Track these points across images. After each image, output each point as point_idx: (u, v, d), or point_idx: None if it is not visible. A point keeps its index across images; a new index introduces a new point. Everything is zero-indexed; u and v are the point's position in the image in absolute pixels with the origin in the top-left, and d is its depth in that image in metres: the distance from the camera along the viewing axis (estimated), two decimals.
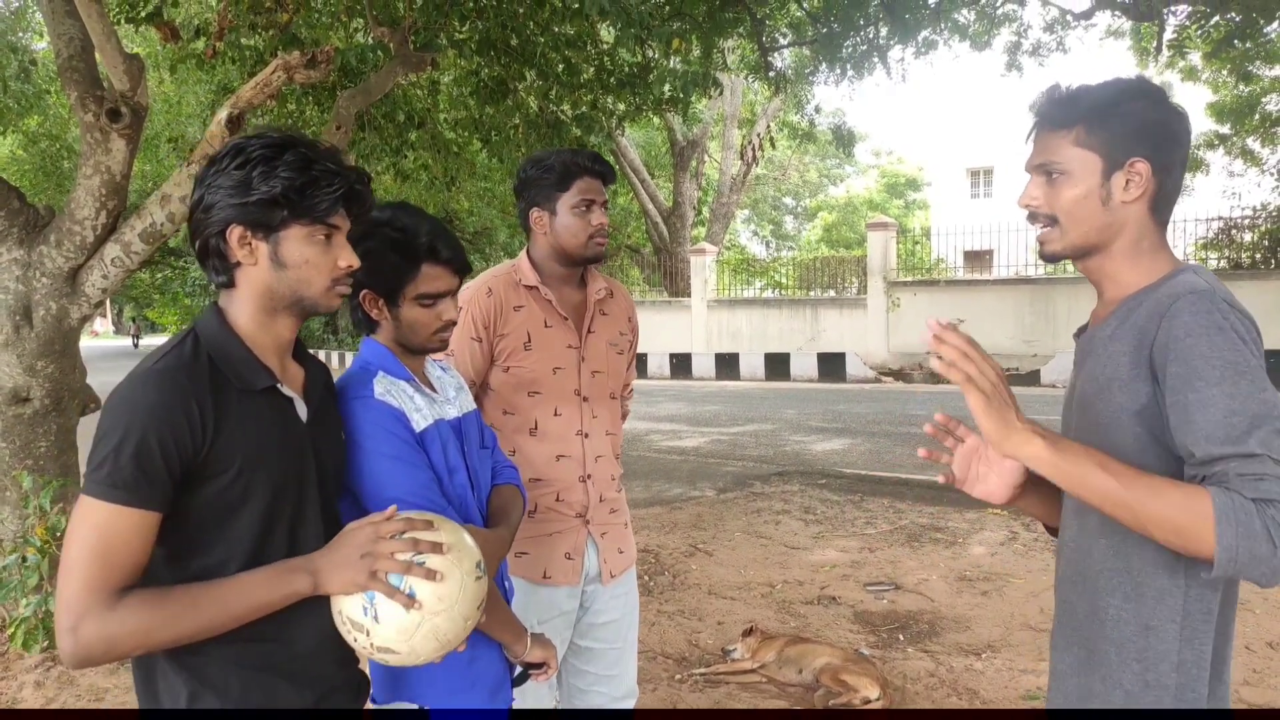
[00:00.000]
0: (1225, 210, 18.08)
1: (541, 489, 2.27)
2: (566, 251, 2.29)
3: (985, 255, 22.14)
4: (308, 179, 1.38)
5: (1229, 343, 1.24)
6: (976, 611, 4.70)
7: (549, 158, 2.27)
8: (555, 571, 2.27)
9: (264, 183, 1.36)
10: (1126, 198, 1.38)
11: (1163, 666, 1.33)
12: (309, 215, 1.39)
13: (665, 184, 27.96)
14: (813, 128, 17.01)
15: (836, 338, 20.37)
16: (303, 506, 1.45)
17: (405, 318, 1.77)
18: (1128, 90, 1.39)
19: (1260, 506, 1.18)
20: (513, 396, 2.27)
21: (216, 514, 1.35)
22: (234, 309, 1.43)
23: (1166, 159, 1.38)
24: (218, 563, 1.36)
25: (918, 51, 11.32)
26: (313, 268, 1.42)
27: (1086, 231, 1.41)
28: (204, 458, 1.31)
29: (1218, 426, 1.22)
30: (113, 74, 4.32)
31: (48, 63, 12.05)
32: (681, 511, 7.22)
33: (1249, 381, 1.23)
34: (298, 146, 1.41)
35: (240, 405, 1.37)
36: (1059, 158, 1.41)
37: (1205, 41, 11.98)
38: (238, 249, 1.39)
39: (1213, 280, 1.33)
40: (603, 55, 7.69)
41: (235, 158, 1.38)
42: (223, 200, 1.37)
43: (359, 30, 7.64)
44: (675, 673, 4.04)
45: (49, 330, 4.40)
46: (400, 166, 8.61)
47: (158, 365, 1.33)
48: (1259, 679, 3.81)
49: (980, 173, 35.66)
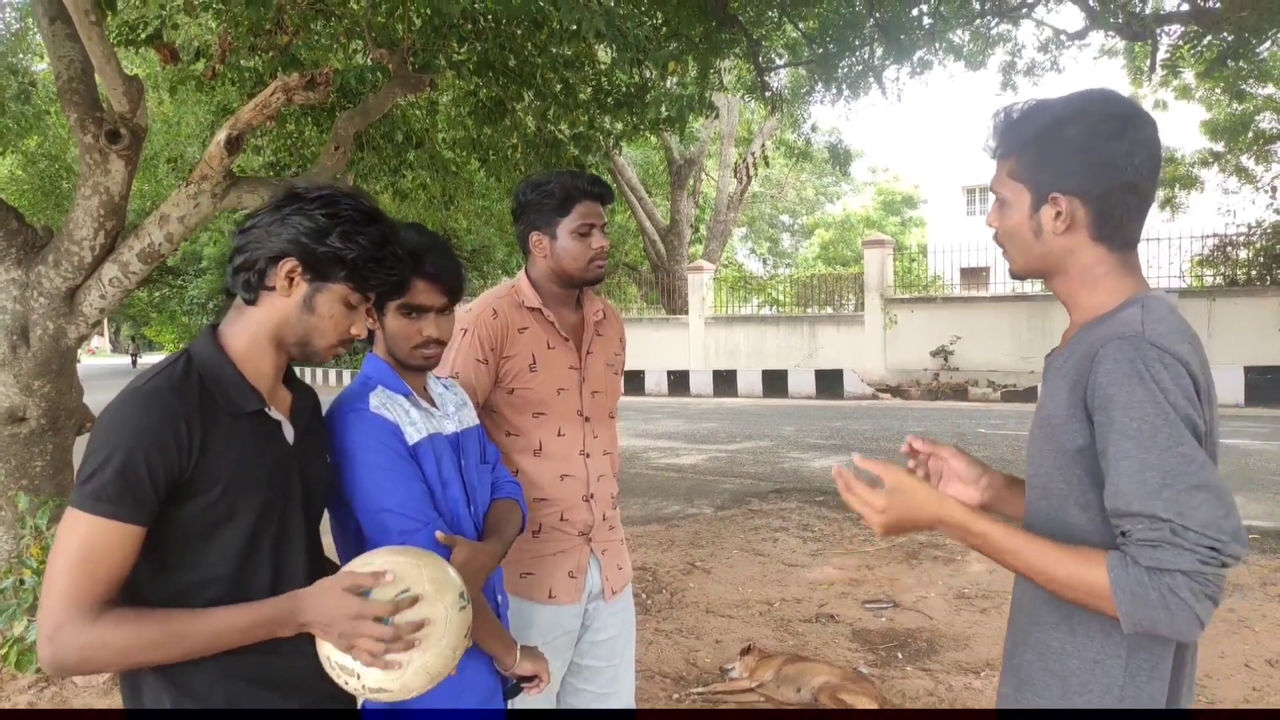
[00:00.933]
0: (1220, 227, 18.16)
1: (546, 509, 2.28)
2: (567, 274, 2.30)
3: (982, 272, 22.20)
4: (378, 256, 1.50)
5: (1148, 394, 1.21)
6: (975, 629, 4.69)
7: (549, 182, 2.27)
8: (560, 591, 2.28)
9: (341, 241, 1.46)
10: (1057, 230, 1.36)
11: (1107, 700, 1.31)
12: (358, 283, 1.50)
13: (663, 202, 28.07)
14: (809, 146, 17.07)
15: (834, 355, 20.40)
16: (287, 526, 1.49)
17: (390, 327, 1.85)
18: (1064, 115, 1.35)
19: (1153, 575, 1.18)
20: (517, 418, 2.27)
21: (200, 531, 1.39)
22: (236, 329, 1.50)
23: (1102, 186, 1.33)
24: (200, 580, 1.40)
25: (913, 71, 11.39)
26: (333, 324, 1.51)
27: (1028, 259, 1.42)
28: (190, 476, 1.36)
29: (1129, 482, 1.22)
30: (112, 96, 4.34)
31: (48, 84, 12.10)
32: (679, 529, 7.20)
33: (1165, 436, 1.20)
34: (383, 225, 1.52)
35: (228, 426, 1.41)
36: (999, 186, 1.43)
37: (1198, 61, 12.07)
38: (281, 279, 1.47)
39: (1157, 314, 1.29)
40: (600, 76, 7.74)
41: (326, 206, 1.47)
42: (294, 235, 1.46)
43: (358, 52, 7.68)
44: (673, 692, 4.02)
45: (46, 350, 4.40)
46: (398, 186, 8.64)
47: (148, 385, 1.38)
48: (1259, 697, 3.80)
49: (976, 190, 35.79)
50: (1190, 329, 1.32)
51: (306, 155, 8.16)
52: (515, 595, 2.24)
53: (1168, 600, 1.17)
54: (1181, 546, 1.18)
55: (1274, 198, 19.03)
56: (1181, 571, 1.17)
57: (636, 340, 22.91)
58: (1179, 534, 1.18)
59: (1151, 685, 1.31)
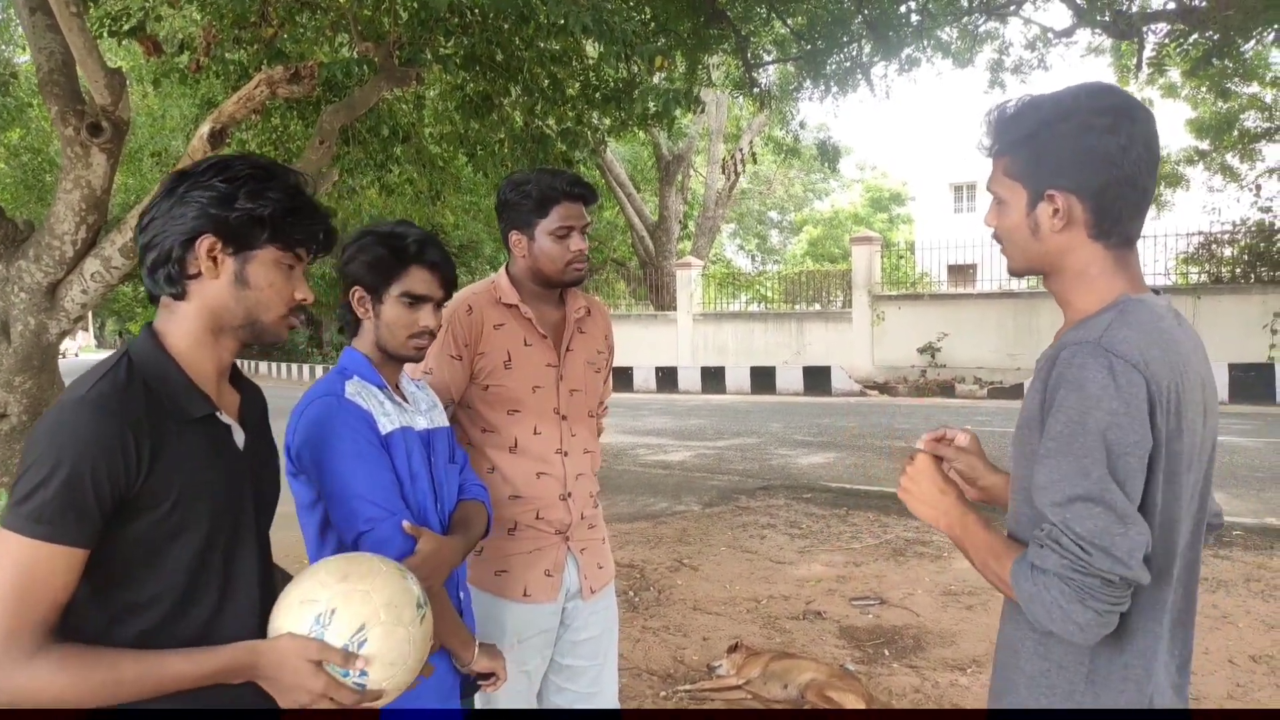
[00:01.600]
0: (1205, 225, 18.27)
1: (522, 506, 2.26)
2: (544, 275, 2.29)
3: (969, 269, 22.28)
4: (293, 206, 1.39)
5: (1081, 400, 1.23)
6: (962, 626, 4.70)
7: (528, 182, 2.25)
8: (535, 589, 2.26)
9: (250, 200, 1.35)
10: (1054, 228, 1.34)
11: (1069, 705, 1.32)
12: (285, 241, 1.39)
13: (651, 198, 28.04)
14: (797, 143, 17.07)
15: (822, 351, 20.44)
16: (238, 536, 1.40)
17: (386, 316, 1.86)
18: (1058, 111, 1.33)
19: (1034, 572, 1.24)
20: (491, 415, 2.26)
21: (148, 549, 1.29)
22: (174, 328, 1.38)
23: (1097, 182, 1.31)
24: (147, 599, 1.29)
25: (901, 68, 11.39)
26: (274, 292, 1.40)
27: (1024, 257, 1.42)
28: (138, 491, 1.25)
29: (1044, 481, 1.25)
30: (94, 88, 4.29)
31: (30, 76, 11.99)
32: (667, 526, 7.20)
33: (1079, 444, 1.22)
34: (286, 175, 1.42)
35: (177, 435, 1.31)
36: (995, 185, 1.41)
37: (1184, 59, 12.12)
38: (204, 260, 1.35)
39: (1129, 319, 1.28)
40: (588, 71, 7.71)
41: (220, 172, 1.36)
42: (200, 209, 1.34)
43: (344, 45, 7.63)
44: (660, 689, 4.01)
45: (27, 346, 4.35)
46: (385, 181, 8.60)
47: (90, 393, 1.26)
48: (1243, 693, 3.82)
49: (964, 188, 35.92)
50: (1170, 335, 1.29)
51: (291, 149, 8.11)
52: (489, 593, 2.23)
53: (1042, 597, 1.22)
54: (1056, 549, 1.22)
55: (1258, 196, 19.15)
56: (1054, 573, 1.21)
57: (624, 337, 22.97)
58: (1057, 539, 1.22)
59: (1124, 692, 1.30)
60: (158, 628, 1.29)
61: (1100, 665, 1.31)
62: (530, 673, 2.29)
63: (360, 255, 1.87)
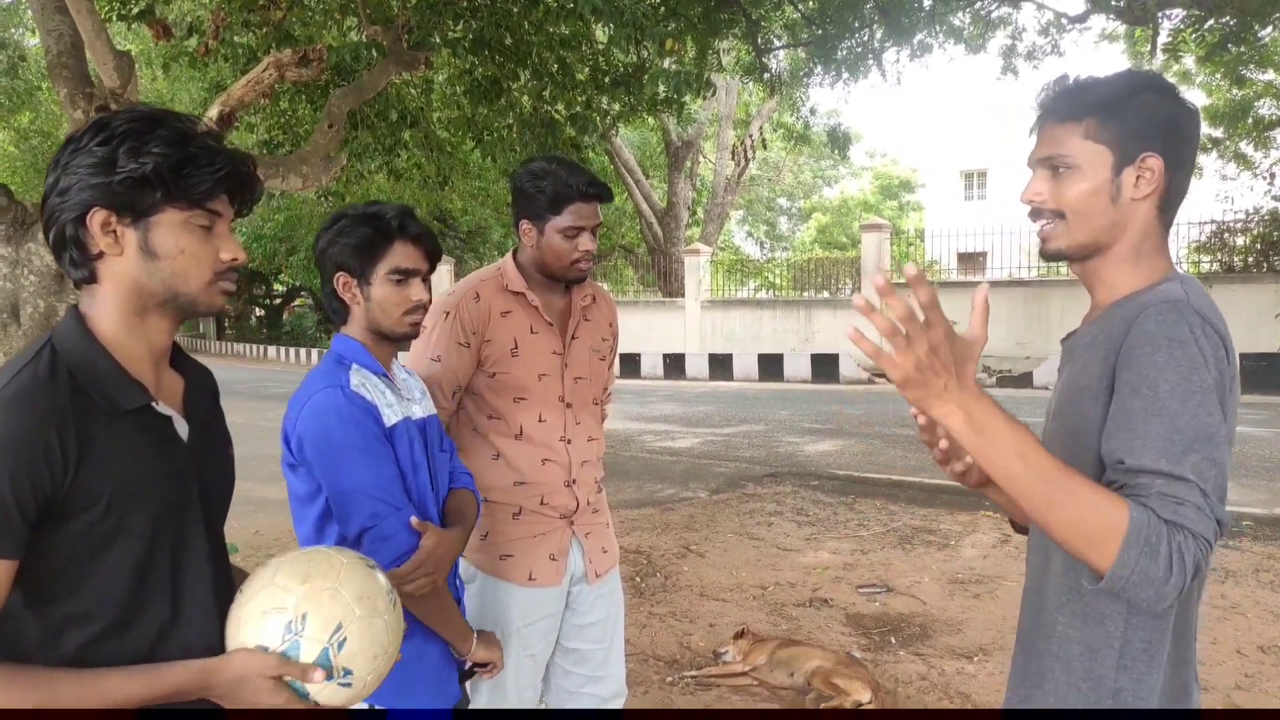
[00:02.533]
0: (1218, 214, 18.14)
1: (527, 492, 2.27)
2: (549, 270, 2.28)
3: (979, 257, 22.19)
4: (184, 156, 1.21)
5: (1188, 357, 1.20)
6: (968, 614, 4.69)
7: (545, 176, 2.22)
8: (540, 573, 2.26)
9: (132, 159, 1.18)
10: (1136, 194, 1.32)
11: (1102, 690, 1.30)
12: (185, 198, 1.22)
13: (660, 184, 27.97)
14: (807, 129, 16.98)
15: (830, 339, 20.39)
16: (185, 535, 1.27)
17: (376, 296, 1.82)
18: (1139, 83, 1.33)
19: (1171, 530, 1.14)
20: (497, 401, 2.26)
21: (82, 554, 1.17)
22: (97, 311, 1.24)
23: (1178, 155, 1.32)
24: (88, 609, 1.18)
25: (913, 54, 11.29)
26: (190, 258, 1.23)
27: (1094, 229, 1.35)
28: (65, 494, 1.13)
29: (1156, 440, 1.18)
30: (103, 71, 4.28)
31: (39, 59, 11.99)
32: (674, 512, 7.20)
33: (1197, 403, 1.18)
34: (172, 121, 1.23)
35: (108, 430, 1.18)
36: (1067, 150, 1.34)
37: (1199, 45, 12.00)
38: (100, 236, 1.20)
39: (1195, 292, 1.29)
40: (597, 55, 7.67)
41: (98, 133, 1.19)
42: (82, 180, 1.18)
43: (352, 29, 7.61)
44: (666, 675, 4.02)
45: (37, 328, 4.36)
46: (393, 166, 8.57)
47: (6, 390, 1.13)
48: (1251, 683, 3.81)
49: (974, 175, 35.71)
50: (1220, 311, 1.31)
51: (300, 133, 8.09)
52: (494, 577, 2.24)
53: (1173, 559, 1.12)
54: (1204, 512, 1.15)
55: (1272, 184, 18.99)
56: (1197, 535, 1.14)
57: (632, 323, 22.98)
58: (1191, 495, 1.15)
59: (1151, 675, 1.29)
60: (102, 638, 1.19)
61: (1132, 649, 1.29)
62: (536, 656, 2.29)
63: (341, 238, 1.81)
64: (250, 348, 35.90)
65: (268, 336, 37.73)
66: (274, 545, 6.00)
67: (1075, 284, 1.26)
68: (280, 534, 6.26)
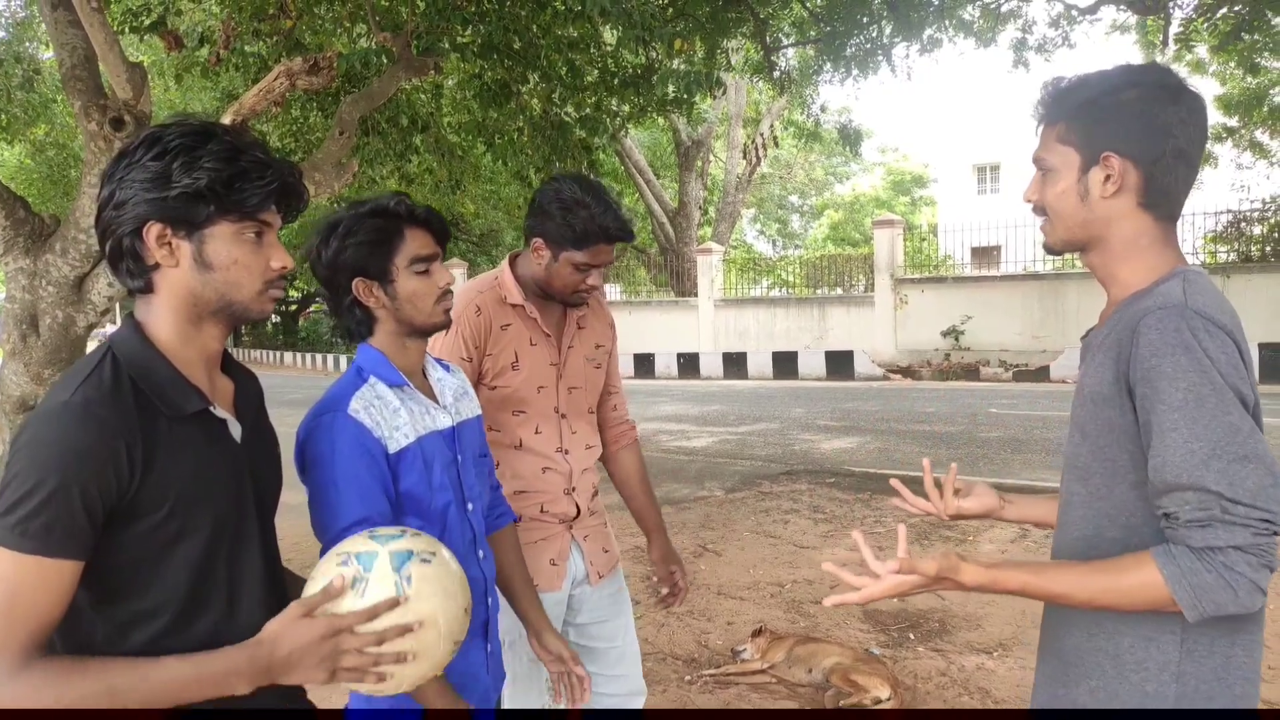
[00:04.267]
0: (1234, 203, 17.98)
1: (527, 500, 2.28)
2: (550, 291, 2.25)
3: (993, 251, 22.08)
4: (236, 170, 1.24)
5: (1194, 363, 1.20)
6: (988, 610, 4.68)
7: (577, 210, 2.13)
8: (541, 578, 2.27)
9: (186, 174, 1.21)
10: (1105, 193, 1.34)
11: (1164, 676, 1.29)
12: (238, 210, 1.25)
13: (671, 184, 27.96)
14: (818, 127, 16.96)
15: (844, 336, 20.34)
16: (242, 535, 1.31)
17: (404, 291, 1.69)
18: (1119, 81, 1.34)
19: (1206, 556, 1.17)
20: (497, 414, 2.25)
21: (148, 555, 1.21)
22: (153, 320, 1.28)
23: (1153, 151, 1.31)
24: (150, 607, 1.22)
25: (923, 49, 11.25)
26: (243, 269, 1.28)
27: (1070, 227, 1.39)
28: (132, 498, 1.17)
29: (1176, 453, 1.20)
30: (116, 83, 4.32)
31: (53, 72, 12.11)
32: (690, 511, 7.20)
33: (1213, 406, 1.19)
34: (222, 135, 1.26)
35: (170, 434, 1.21)
36: (1046, 153, 1.40)
37: (1212, 34, 11.91)
38: (156, 249, 1.24)
39: (1196, 288, 1.28)
40: (606, 57, 7.69)
41: (151, 148, 1.23)
42: (137, 195, 1.22)
43: (362, 36, 7.65)
44: (684, 674, 4.02)
45: (56, 338, 4.41)
46: (405, 171, 8.62)
47: (75, 397, 1.16)
48: (1274, 675, 3.78)
49: (987, 169, 35.53)
50: (1229, 304, 1.30)
51: (312, 141, 8.15)
52: None
53: (1226, 578, 1.16)
54: (1233, 522, 1.16)
55: None
56: (1235, 547, 1.16)
57: (645, 323, 22.99)
58: (1229, 510, 1.16)
59: (1212, 659, 1.28)
60: (165, 635, 1.23)
61: (1194, 634, 1.28)
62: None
63: (352, 239, 1.68)
64: (267, 354, 36.12)
65: (284, 342, 37.89)
66: (293, 550, 6.02)
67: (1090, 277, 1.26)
68: (300, 538, 6.29)
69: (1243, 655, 1.31)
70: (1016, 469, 8.22)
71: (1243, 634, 1.31)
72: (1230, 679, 1.30)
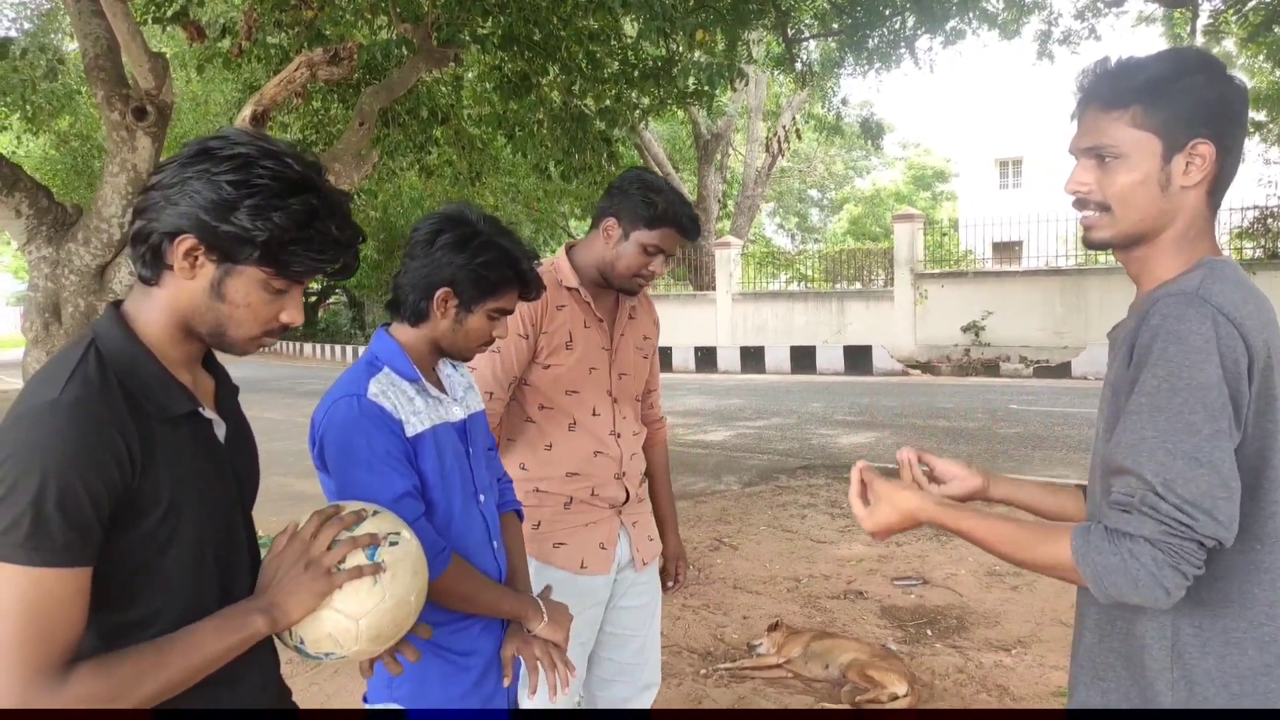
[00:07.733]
0: (1261, 199, 17.73)
1: (579, 483, 2.30)
2: (611, 271, 2.31)
3: (1014, 246, 21.92)
4: (301, 236, 1.19)
5: (1182, 352, 1.17)
6: (1006, 606, 4.64)
7: (659, 193, 2.24)
8: (591, 561, 2.31)
9: (249, 219, 1.16)
10: (1186, 182, 1.27)
11: (1159, 685, 1.26)
12: (278, 267, 1.21)
13: (690, 177, 27.89)
14: (839, 120, 16.84)
15: (863, 330, 20.25)
16: (232, 533, 1.30)
17: (470, 325, 1.77)
18: (1185, 64, 1.27)
19: (1114, 538, 1.16)
20: (551, 393, 2.30)
21: (139, 562, 1.16)
22: (145, 313, 1.23)
23: (1229, 139, 1.27)
24: (141, 617, 1.17)
25: (946, 41, 11.15)
26: (250, 313, 1.23)
27: (1141, 219, 1.30)
28: (133, 496, 1.13)
29: (1129, 437, 1.19)
30: (138, 73, 4.35)
31: (77, 63, 12.21)
32: (706, 505, 7.20)
33: (1180, 400, 1.16)
34: (311, 193, 1.20)
35: (159, 435, 1.17)
36: (1112, 140, 1.29)
37: (1241, 27, 11.74)
38: (180, 260, 1.18)
39: (1215, 277, 1.24)
40: (626, 49, 7.66)
41: (236, 172, 1.17)
42: (192, 208, 1.16)
43: (383, 27, 7.66)
44: (700, 667, 4.02)
45: (78, 327, 4.44)
46: (425, 162, 8.64)
47: (64, 396, 1.10)
48: None
49: (1009, 163, 35.25)
50: (1260, 294, 1.26)
51: (332, 132, 8.18)
52: (548, 564, 2.27)
53: (1128, 565, 1.15)
54: (1152, 514, 1.15)
55: None
56: (1144, 538, 1.15)
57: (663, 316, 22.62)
58: (1152, 503, 1.15)
59: (1205, 660, 1.25)
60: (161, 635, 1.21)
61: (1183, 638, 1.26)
62: (585, 644, 2.33)
63: (478, 260, 1.72)
64: (286, 345, 36.33)
65: (303, 334, 38.08)
66: None
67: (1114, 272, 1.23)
68: None
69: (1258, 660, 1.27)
70: (1036, 466, 8.16)
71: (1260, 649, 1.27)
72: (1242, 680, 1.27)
